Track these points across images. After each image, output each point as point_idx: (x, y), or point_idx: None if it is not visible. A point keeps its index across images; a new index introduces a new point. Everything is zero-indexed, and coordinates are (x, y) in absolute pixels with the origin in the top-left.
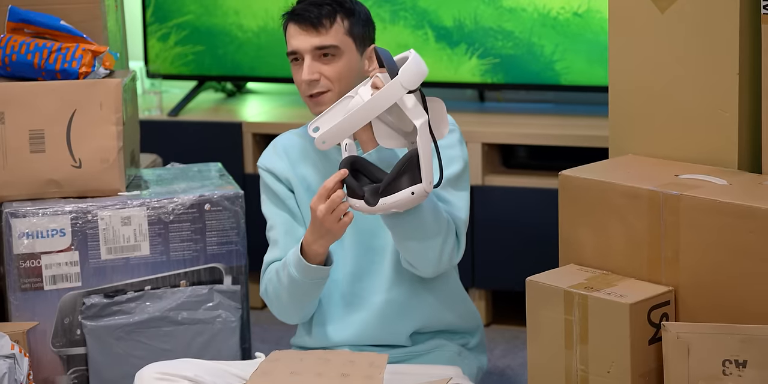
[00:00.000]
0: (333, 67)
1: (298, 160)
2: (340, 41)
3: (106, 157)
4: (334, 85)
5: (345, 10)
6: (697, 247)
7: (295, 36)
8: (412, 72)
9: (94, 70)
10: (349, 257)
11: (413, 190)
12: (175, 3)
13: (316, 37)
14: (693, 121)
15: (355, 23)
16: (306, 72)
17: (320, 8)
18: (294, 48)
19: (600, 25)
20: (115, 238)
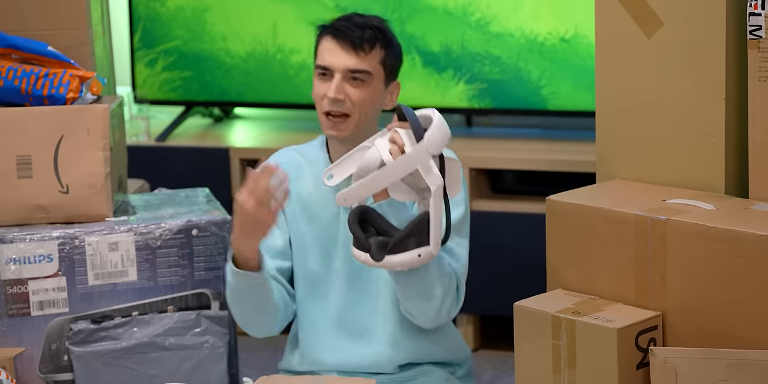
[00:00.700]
0: (360, 92)
1: (295, 177)
2: (373, 68)
3: (93, 182)
4: (355, 111)
5: (385, 39)
6: (684, 271)
7: (331, 52)
8: (437, 139)
9: (81, 95)
10: (339, 283)
11: (420, 253)
12: (163, 28)
13: (353, 58)
14: (680, 146)
15: (390, 54)
16: (333, 90)
17: (363, 31)
18: (327, 64)
19: (587, 50)
20: (102, 263)
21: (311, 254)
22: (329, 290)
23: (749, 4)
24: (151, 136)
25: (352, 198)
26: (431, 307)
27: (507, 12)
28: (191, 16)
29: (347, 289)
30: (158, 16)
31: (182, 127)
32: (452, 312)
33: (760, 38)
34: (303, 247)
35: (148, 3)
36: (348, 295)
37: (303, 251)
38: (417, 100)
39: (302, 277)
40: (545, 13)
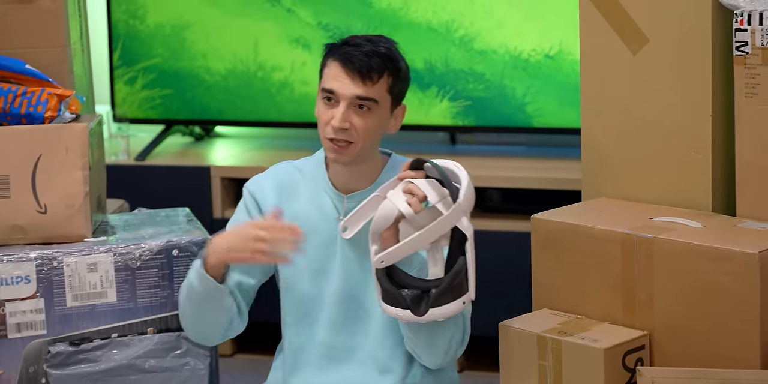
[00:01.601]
0: (365, 120)
1: (291, 196)
2: (380, 97)
3: (71, 202)
4: (359, 139)
5: (393, 67)
6: (671, 290)
7: (338, 78)
8: (470, 198)
9: (59, 114)
10: (331, 307)
11: (464, 300)
12: (142, 46)
13: (360, 87)
14: (666, 164)
15: (397, 81)
16: (339, 119)
17: (371, 59)
18: (334, 90)
19: (571, 67)
20: (81, 284)
21: (303, 276)
22: (320, 314)
23: (735, 20)
24: (130, 155)
25: (390, 260)
26: (439, 352)
27: (491, 29)
28: (171, 34)
29: (339, 313)
30: (138, 34)
31: (162, 145)
32: (459, 352)
33: (746, 54)
34: (294, 269)
35: (128, 20)
36: (339, 320)
37: (293, 273)
38: None
39: (291, 299)
40: (529, 30)
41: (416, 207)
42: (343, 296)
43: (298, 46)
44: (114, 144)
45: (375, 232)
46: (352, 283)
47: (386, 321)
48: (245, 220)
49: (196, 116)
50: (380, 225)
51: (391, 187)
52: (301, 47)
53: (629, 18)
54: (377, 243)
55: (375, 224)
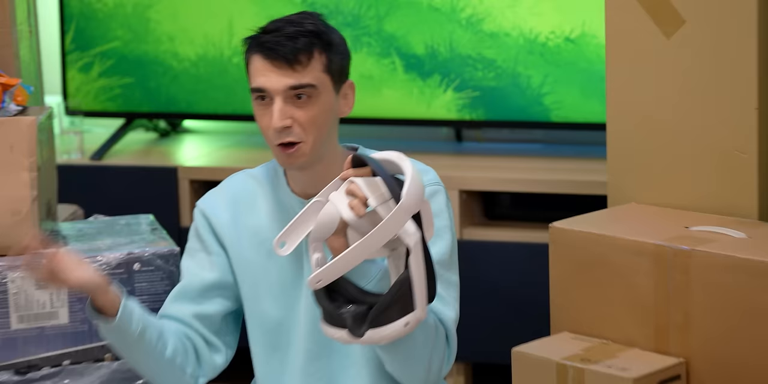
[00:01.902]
0: (308, 111)
1: (249, 209)
2: (317, 80)
3: (17, 208)
4: (308, 135)
5: (323, 42)
6: (711, 310)
7: (263, 72)
8: (415, 196)
9: (3, 106)
10: (304, 329)
11: (408, 321)
12: (99, 28)
13: (290, 75)
14: (705, 164)
15: (333, 57)
16: (277, 117)
17: (295, 41)
18: (262, 86)
19: (596, 52)
20: (27, 304)
21: (268, 298)
22: (291, 338)
23: None
24: (85, 153)
25: (327, 279)
26: (418, 370)
27: (503, 7)
28: (132, 13)
29: (314, 335)
30: (94, 14)
31: (122, 142)
32: (444, 369)
33: None
34: (257, 291)
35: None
36: (315, 343)
37: (257, 295)
38: (398, 112)
39: (258, 325)
40: (547, 9)
41: (358, 210)
42: (317, 317)
43: None
44: (66, 141)
45: (316, 240)
46: None
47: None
48: (196, 247)
49: (162, 109)
50: (322, 232)
51: (333, 189)
52: None
53: None
54: (319, 252)
55: (315, 231)
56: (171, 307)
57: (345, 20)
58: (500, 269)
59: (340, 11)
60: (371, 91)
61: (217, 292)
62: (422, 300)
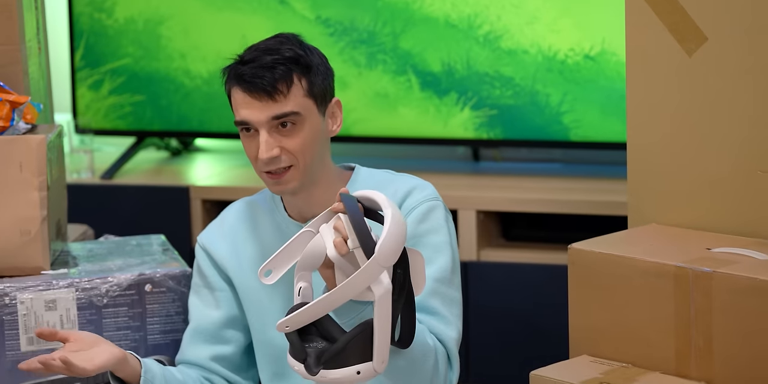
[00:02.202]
0: (295, 139)
1: (249, 237)
2: (300, 106)
3: (26, 228)
4: (298, 159)
5: (301, 66)
6: (733, 334)
7: (244, 106)
8: (391, 248)
9: (12, 124)
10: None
11: (359, 370)
12: (110, 44)
13: (272, 106)
14: (728, 185)
15: (313, 80)
16: (264, 149)
17: (273, 71)
18: (245, 119)
19: (616, 69)
20: (37, 325)
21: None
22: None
23: None
24: (95, 172)
25: (294, 326)
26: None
27: (521, 24)
28: (143, 30)
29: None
30: (104, 30)
31: (133, 161)
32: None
33: None
34: (263, 319)
35: (92, 14)
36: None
37: (263, 324)
38: (414, 130)
39: (265, 353)
40: (567, 26)
41: (341, 249)
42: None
43: None
44: (76, 160)
45: (300, 269)
46: None
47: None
48: (200, 284)
49: (173, 127)
50: (309, 263)
51: (324, 220)
52: None
53: (684, 12)
54: (305, 281)
55: (303, 261)
56: (188, 351)
57: (360, 37)
58: (518, 291)
59: (355, 28)
60: (386, 110)
61: (229, 330)
62: (381, 353)
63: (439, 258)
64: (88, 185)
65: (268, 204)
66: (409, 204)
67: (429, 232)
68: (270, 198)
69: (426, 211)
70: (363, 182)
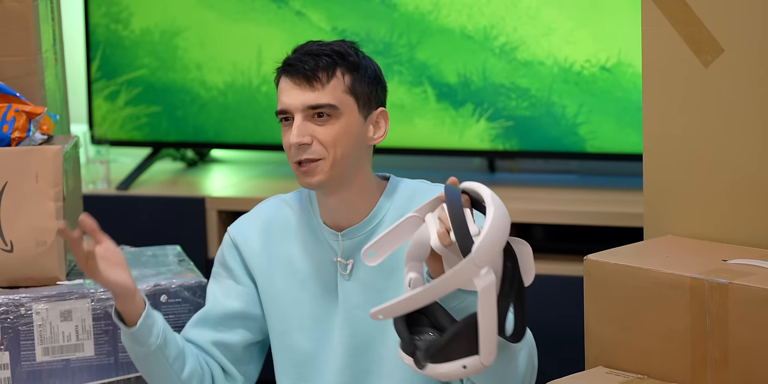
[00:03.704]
0: (328, 129)
1: (281, 238)
2: (338, 100)
3: (42, 239)
4: (328, 152)
5: (347, 63)
6: (750, 346)
7: (285, 91)
8: (488, 250)
9: (29, 135)
10: (338, 363)
11: (466, 364)
12: (126, 56)
13: (309, 93)
14: (744, 196)
15: (358, 79)
16: (295, 134)
17: (317, 59)
18: (283, 106)
19: (632, 81)
20: (53, 336)
21: (300, 330)
22: (323, 371)
23: None
24: (111, 183)
25: (387, 315)
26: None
27: (537, 36)
28: (160, 41)
29: (347, 370)
30: (120, 41)
31: (148, 172)
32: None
33: None
34: (288, 323)
35: (109, 25)
36: (349, 376)
37: (288, 328)
38: (430, 141)
39: (287, 358)
40: (583, 38)
41: (443, 240)
42: (351, 350)
43: None
44: (92, 170)
45: (412, 260)
46: (361, 332)
47: (406, 373)
48: (223, 274)
49: (189, 138)
50: (418, 252)
51: (430, 209)
52: None
53: (700, 23)
54: (416, 272)
55: (411, 250)
56: (191, 331)
57: (376, 48)
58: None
59: (371, 39)
60: (402, 121)
61: (239, 322)
62: (488, 346)
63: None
64: (104, 196)
65: (303, 205)
66: None
67: None
68: (306, 200)
69: None
70: (400, 193)
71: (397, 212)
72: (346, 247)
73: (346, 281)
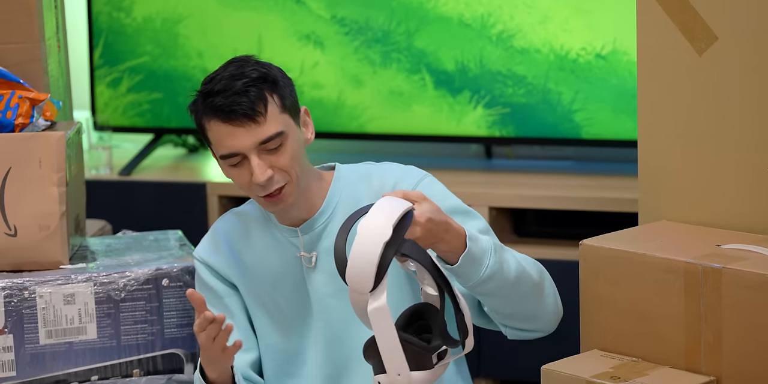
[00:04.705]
0: (282, 155)
1: (244, 247)
2: (281, 124)
3: (46, 223)
4: (290, 175)
5: (269, 83)
6: (742, 329)
7: (230, 136)
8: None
9: (32, 121)
10: (321, 354)
11: (380, 380)
12: (128, 43)
13: (257, 130)
14: (737, 182)
15: (283, 93)
16: (258, 173)
17: (247, 95)
18: (234, 150)
19: (627, 68)
20: (56, 319)
21: (279, 329)
22: (306, 365)
23: None
24: (113, 168)
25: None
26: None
27: (533, 24)
28: (162, 29)
29: (330, 360)
30: (123, 29)
31: (150, 158)
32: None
33: None
34: (268, 323)
35: (111, 13)
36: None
37: (268, 328)
38: (427, 128)
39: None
40: (578, 26)
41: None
42: (329, 339)
43: (309, 43)
44: (95, 156)
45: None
46: (336, 320)
47: None
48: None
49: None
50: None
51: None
52: (313, 44)
53: (694, 12)
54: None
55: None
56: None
57: (375, 36)
58: None
59: (369, 27)
60: (401, 108)
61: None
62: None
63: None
64: (107, 181)
65: (257, 213)
66: (405, 189)
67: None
68: (259, 207)
69: (426, 191)
70: (346, 178)
71: (349, 198)
72: (306, 241)
73: (312, 273)
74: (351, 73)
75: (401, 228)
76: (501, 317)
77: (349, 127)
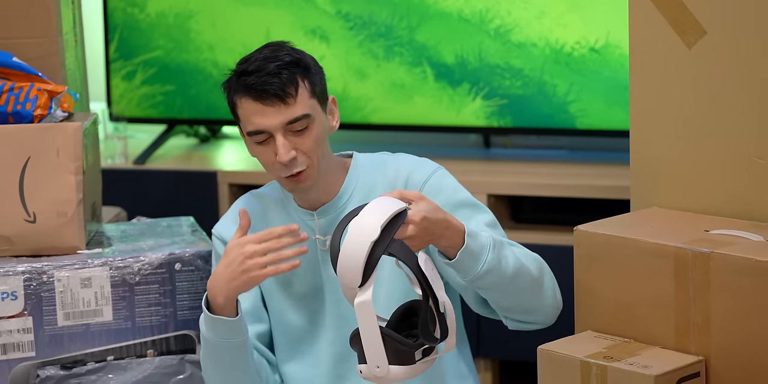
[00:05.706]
0: (308, 138)
1: (261, 226)
2: (309, 108)
3: (63, 210)
4: (312, 158)
5: (301, 68)
6: (730, 311)
7: (259, 114)
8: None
9: (50, 112)
10: (332, 333)
11: (361, 369)
12: (142, 37)
13: (285, 110)
14: (725, 170)
15: (314, 80)
16: (283, 153)
17: (279, 76)
18: (261, 127)
19: (620, 61)
20: (73, 301)
21: (292, 309)
22: (318, 344)
23: None
24: (128, 158)
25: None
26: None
27: (530, 19)
28: (174, 24)
29: (340, 338)
30: (137, 24)
31: (163, 147)
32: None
33: None
34: (280, 303)
35: (126, 9)
36: (343, 347)
37: (280, 307)
38: (428, 119)
39: (282, 335)
40: (573, 20)
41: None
42: (341, 318)
43: (315, 37)
44: (110, 146)
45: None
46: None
47: None
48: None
49: (202, 115)
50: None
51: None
52: (319, 39)
53: (684, 7)
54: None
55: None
56: None
57: (378, 30)
58: None
59: (373, 22)
60: (403, 99)
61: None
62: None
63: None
64: (122, 170)
65: (277, 195)
66: (418, 180)
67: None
68: (279, 190)
69: (438, 183)
70: (363, 166)
71: (365, 185)
72: (322, 224)
73: (326, 255)
74: (355, 66)
75: (391, 228)
76: (501, 309)
77: (354, 117)
